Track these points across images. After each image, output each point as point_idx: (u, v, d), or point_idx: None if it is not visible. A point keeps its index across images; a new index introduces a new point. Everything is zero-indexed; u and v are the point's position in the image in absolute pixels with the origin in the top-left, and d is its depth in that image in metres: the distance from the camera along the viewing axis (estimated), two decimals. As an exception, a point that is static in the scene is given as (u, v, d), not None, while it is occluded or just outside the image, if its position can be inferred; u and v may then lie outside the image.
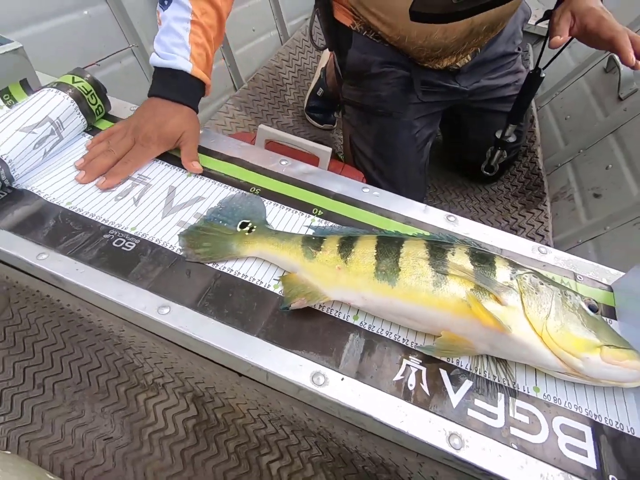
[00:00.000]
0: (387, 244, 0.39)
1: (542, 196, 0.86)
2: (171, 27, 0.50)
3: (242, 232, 0.43)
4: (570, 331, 0.32)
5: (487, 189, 0.99)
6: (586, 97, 0.92)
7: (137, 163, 0.48)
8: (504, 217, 0.90)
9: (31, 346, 0.58)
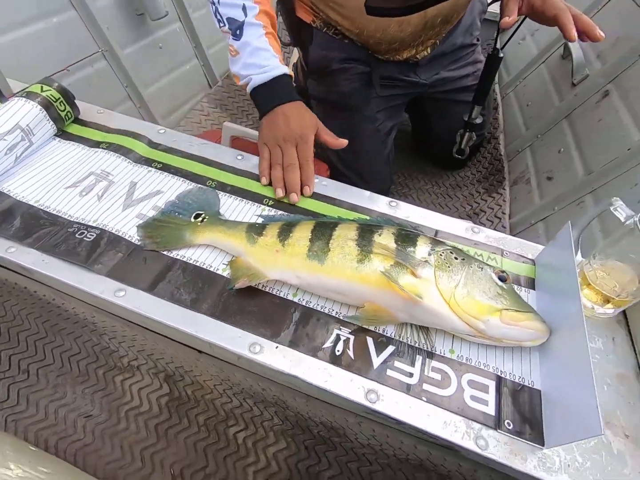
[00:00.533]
0: (322, 228, 0.43)
1: (502, 181, 0.90)
2: (256, 47, 0.54)
3: (195, 223, 0.47)
4: (474, 298, 0.37)
5: (454, 175, 1.03)
6: (545, 84, 0.95)
7: (312, 157, 0.53)
8: (468, 202, 0.94)
9: (16, 336, 0.63)
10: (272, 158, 0.53)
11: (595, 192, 0.67)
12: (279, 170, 0.52)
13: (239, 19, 0.54)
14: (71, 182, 0.50)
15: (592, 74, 0.81)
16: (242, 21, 0.54)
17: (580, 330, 0.33)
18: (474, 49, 0.87)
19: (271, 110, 0.55)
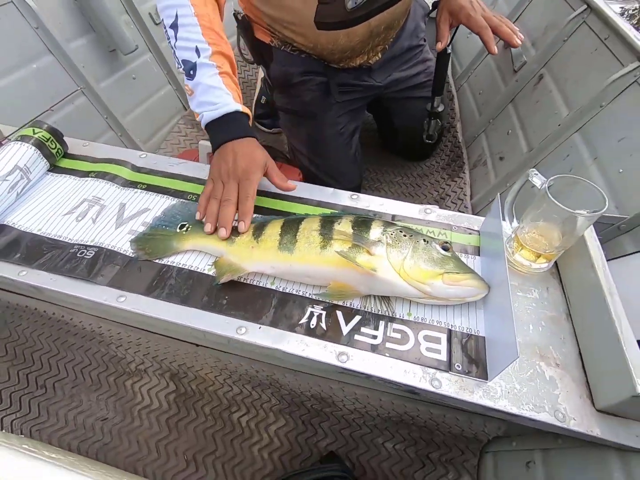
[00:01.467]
0: (290, 223, 0.49)
1: (462, 165, 0.98)
2: (209, 85, 0.56)
3: (180, 232, 0.53)
4: (419, 266, 0.43)
5: (420, 166, 1.10)
6: (492, 72, 1.03)
7: (252, 195, 0.51)
8: (435, 189, 1.01)
9: (30, 356, 0.68)
10: (211, 192, 0.53)
11: (537, 166, 0.74)
12: (214, 205, 0.51)
13: (192, 60, 0.56)
14: (67, 209, 0.56)
15: (529, 61, 0.88)
16: (195, 62, 0.56)
17: (504, 282, 0.39)
18: (421, 49, 0.95)
19: (222, 146, 0.56)
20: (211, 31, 0.58)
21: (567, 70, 0.76)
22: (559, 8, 0.84)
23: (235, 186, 0.52)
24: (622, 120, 0.59)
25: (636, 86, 0.58)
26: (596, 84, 0.65)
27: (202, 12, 0.57)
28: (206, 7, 0.59)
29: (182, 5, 0.57)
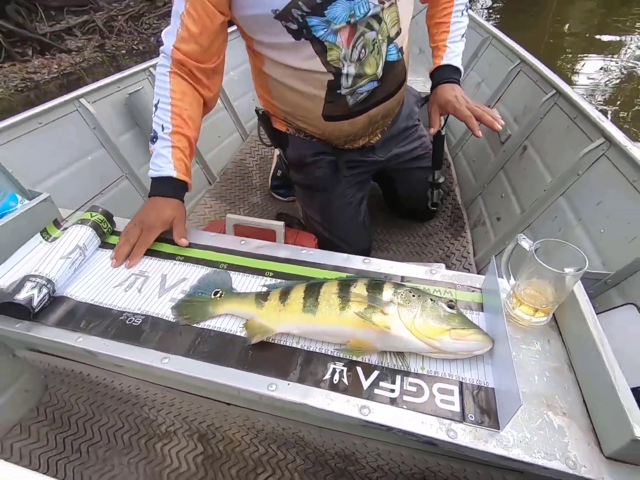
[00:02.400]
0: (311, 288, 0.56)
1: (463, 225, 1.06)
2: (159, 152, 0.72)
3: (215, 299, 0.60)
4: (428, 324, 0.49)
5: (425, 226, 1.18)
6: (483, 143, 1.16)
7: (146, 244, 0.67)
8: (440, 247, 1.08)
9: (67, 420, 0.72)
10: (125, 232, 0.68)
11: (531, 226, 0.81)
12: (121, 240, 0.67)
13: (157, 132, 0.72)
14: (117, 281, 0.64)
15: (513, 134, 1.01)
16: (157, 134, 0.72)
17: (504, 335, 0.45)
18: (416, 128, 1.08)
19: (149, 198, 0.71)
20: (178, 117, 0.72)
21: (546, 143, 0.87)
22: (533, 91, 0.97)
23: (138, 233, 0.67)
24: (597, 186, 0.67)
25: (604, 159, 0.67)
26: (572, 156, 0.75)
27: (177, 104, 0.72)
28: (182, 101, 0.73)
29: (164, 96, 0.72)
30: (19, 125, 0.82)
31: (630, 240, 0.57)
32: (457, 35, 0.90)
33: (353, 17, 0.70)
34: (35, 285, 0.57)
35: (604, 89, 2.79)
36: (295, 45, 0.72)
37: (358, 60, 0.75)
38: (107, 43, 4.84)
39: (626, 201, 0.60)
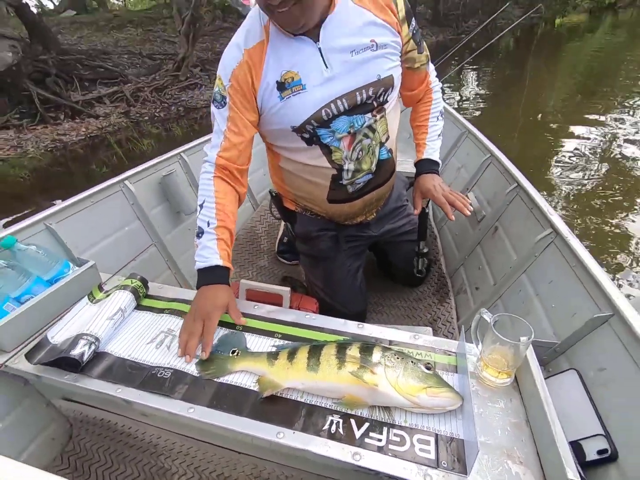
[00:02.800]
0: (314, 349, 0.67)
1: (448, 292, 1.19)
2: (206, 245, 0.79)
3: (232, 357, 0.71)
4: (409, 382, 0.60)
5: (415, 291, 1.31)
6: (464, 220, 1.33)
7: (212, 331, 0.72)
8: (428, 312, 1.20)
9: (88, 468, 0.78)
10: (187, 326, 0.73)
11: (502, 297, 0.94)
12: (184, 336, 0.71)
13: (203, 228, 0.81)
14: (149, 339, 0.76)
15: (487, 215, 1.18)
16: (203, 229, 0.80)
17: (468, 395, 0.56)
18: (404, 207, 1.26)
19: (200, 288, 0.77)
20: (222, 212, 0.82)
21: (512, 226, 1.04)
22: (501, 181, 1.17)
23: (201, 324, 0.72)
24: (549, 268, 0.82)
25: (553, 245, 0.82)
26: (530, 239, 0.90)
27: (220, 202, 0.82)
28: (225, 198, 0.84)
29: (209, 196, 0.83)
30: (76, 204, 0.99)
31: (572, 315, 0.70)
32: (435, 135, 1.11)
33: (352, 128, 0.89)
34: (87, 343, 0.69)
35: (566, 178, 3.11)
36: (307, 148, 0.89)
37: (357, 159, 0.94)
38: (132, 110, 5.34)
39: (568, 282, 0.74)
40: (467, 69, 7.46)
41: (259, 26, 0.78)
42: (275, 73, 0.79)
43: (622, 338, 0.59)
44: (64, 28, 7.69)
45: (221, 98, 0.82)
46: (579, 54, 9.20)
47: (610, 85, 5.83)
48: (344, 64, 0.79)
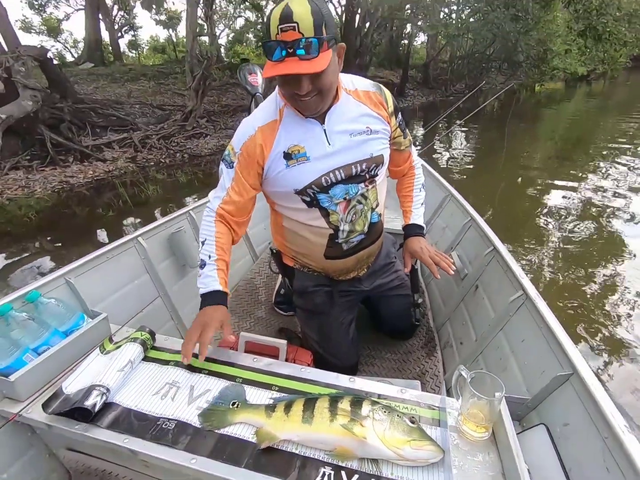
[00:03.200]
0: (309, 402, 0.73)
1: (435, 346, 1.25)
2: (207, 274, 0.93)
3: (232, 409, 0.76)
4: (395, 435, 0.65)
5: (405, 344, 1.37)
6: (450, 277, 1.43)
7: (208, 339, 0.83)
8: (417, 365, 1.25)
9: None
10: (187, 335, 0.86)
11: (482, 353, 1.01)
12: (187, 342, 0.84)
13: (205, 261, 0.94)
14: (155, 390, 0.81)
15: (469, 274, 1.28)
16: (205, 262, 0.93)
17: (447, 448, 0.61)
18: (393, 264, 1.36)
19: (202, 308, 0.90)
20: (220, 249, 0.95)
21: (490, 286, 1.13)
22: (480, 243, 1.28)
23: (198, 332, 0.84)
24: (522, 327, 0.90)
25: (524, 306, 0.92)
26: (505, 299, 1.00)
27: (220, 240, 0.96)
28: (222, 238, 0.97)
29: (210, 235, 0.96)
30: (93, 260, 1.08)
31: (542, 372, 0.77)
32: (418, 204, 1.24)
33: (348, 194, 1.02)
34: (99, 393, 0.74)
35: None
36: (308, 210, 1.01)
37: (351, 221, 1.05)
38: (139, 156, 5.56)
39: (538, 341, 0.82)
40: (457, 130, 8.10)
41: (275, 109, 0.94)
42: (284, 145, 0.93)
43: (581, 395, 0.66)
44: (81, 79, 8.23)
45: (230, 161, 0.96)
46: (557, 119, 9.97)
47: (586, 149, 6.30)
48: (344, 142, 0.95)
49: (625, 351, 1.94)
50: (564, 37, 12.02)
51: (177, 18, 16.70)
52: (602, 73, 19.48)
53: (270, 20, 0.76)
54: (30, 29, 15.82)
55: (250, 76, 1.63)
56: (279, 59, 0.76)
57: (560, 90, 17.36)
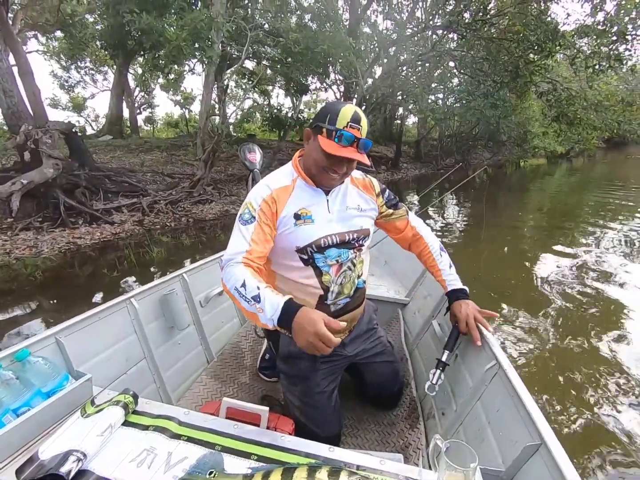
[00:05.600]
0: (287, 472, 0.73)
1: (418, 417, 1.24)
2: (267, 298, 0.89)
3: (209, 478, 0.75)
4: (370, 507, 0.66)
5: (389, 414, 1.35)
6: (431, 345, 1.46)
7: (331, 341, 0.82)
8: (400, 437, 1.22)
9: None
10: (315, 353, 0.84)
11: (463, 423, 1.02)
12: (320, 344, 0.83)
13: (257, 292, 0.90)
14: (131, 457, 0.79)
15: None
16: (258, 293, 0.89)
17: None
18: (375, 330, 1.39)
19: (291, 327, 0.86)
20: (259, 281, 0.94)
21: (468, 354, 1.17)
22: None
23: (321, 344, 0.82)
24: (497, 396, 0.93)
25: (497, 376, 0.96)
26: (482, 368, 1.04)
27: (256, 275, 0.97)
28: (258, 275, 0.98)
29: (247, 275, 0.95)
30: (85, 320, 1.11)
31: (514, 443, 0.79)
32: (446, 267, 1.29)
33: (340, 258, 1.11)
34: (75, 459, 0.73)
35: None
36: (303, 268, 1.10)
37: (340, 284, 1.13)
38: (146, 219, 5.77)
39: (510, 411, 0.84)
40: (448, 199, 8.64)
41: (289, 179, 1.10)
42: (296, 207, 1.08)
43: (549, 466, 0.68)
44: (100, 149, 8.79)
45: (250, 217, 1.04)
46: (542, 193, 10.63)
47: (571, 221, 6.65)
48: (340, 213, 1.13)
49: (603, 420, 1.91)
50: (541, 121, 13.45)
51: (191, 98, 18.87)
52: (580, 151, 21.46)
53: (339, 114, 0.99)
54: (57, 106, 17.53)
55: (249, 154, 1.81)
56: (345, 145, 0.98)
57: (544, 165, 18.86)
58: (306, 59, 7.63)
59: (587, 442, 1.76)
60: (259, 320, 0.92)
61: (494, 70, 8.90)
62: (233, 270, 0.98)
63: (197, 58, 6.37)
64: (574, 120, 9.54)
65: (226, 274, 0.99)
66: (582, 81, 9.58)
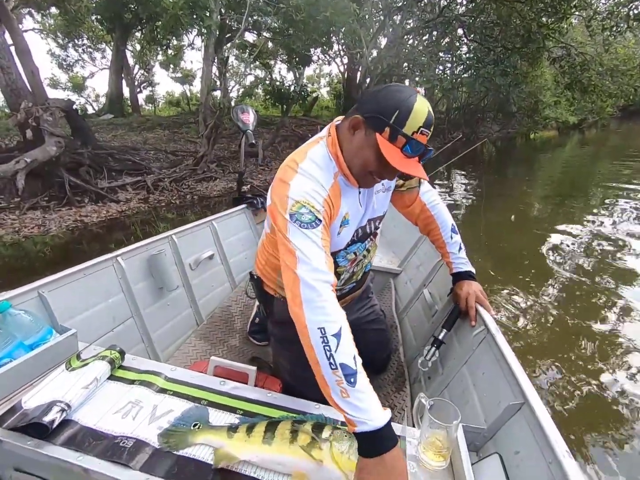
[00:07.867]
0: (272, 424, 0.74)
1: (404, 381, 1.26)
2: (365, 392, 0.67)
3: (194, 430, 0.76)
4: (351, 459, 0.67)
5: (377, 379, 1.38)
6: (421, 312, 1.47)
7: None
8: (386, 400, 1.25)
9: None
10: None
11: (448, 387, 1.04)
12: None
13: (352, 367, 0.67)
14: (116, 409, 0.79)
15: (439, 310, 1.33)
16: (354, 369, 0.67)
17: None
18: (370, 298, 1.39)
19: (376, 456, 0.62)
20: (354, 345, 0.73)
21: (458, 325, 1.18)
22: (449, 282, 1.34)
23: None
24: (483, 360, 0.94)
25: (485, 341, 0.96)
26: (470, 334, 1.04)
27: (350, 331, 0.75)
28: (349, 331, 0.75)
29: (344, 322, 0.73)
30: (70, 276, 1.09)
31: (498, 403, 0.80)
32: (455, 249, 1.20)
33: (358, 250, 1.05)
34: (59, 410, 0.73)
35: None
36: None
37: (352, 272, 1.09)
38: (151, 197, 5.73)
39: (496, 373, 0.85)
40: (457, 173, 8.46)
41: (331, 174, 0.89)
42: (344, 211, 0.93)
43: (530, 424, 0.69)
44: (101, 128, 8.57)
45: (313, 219, 0.81)
46: (552, 164, 10.34)
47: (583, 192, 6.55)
48: (369, 203, 0.99)
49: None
50: (553, 90, 12.95)
51: (191, 76, 18.20)
52: (593, 122, 20.77)
53: (411, 112, 0.77)
54: (57, 86, 16.91)
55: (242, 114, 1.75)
56: (410, 155, 0.80)
57: (555, 137, 18.21)
58: (308, 28, 7.26)
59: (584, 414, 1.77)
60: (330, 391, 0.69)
61: (505, 35, 8.45)
62: (330, 303, 0.75)
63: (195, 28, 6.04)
64: (588, 87, 9.00)
65: (321, 300, 0.74)
66: (597, 45, 9.02)
